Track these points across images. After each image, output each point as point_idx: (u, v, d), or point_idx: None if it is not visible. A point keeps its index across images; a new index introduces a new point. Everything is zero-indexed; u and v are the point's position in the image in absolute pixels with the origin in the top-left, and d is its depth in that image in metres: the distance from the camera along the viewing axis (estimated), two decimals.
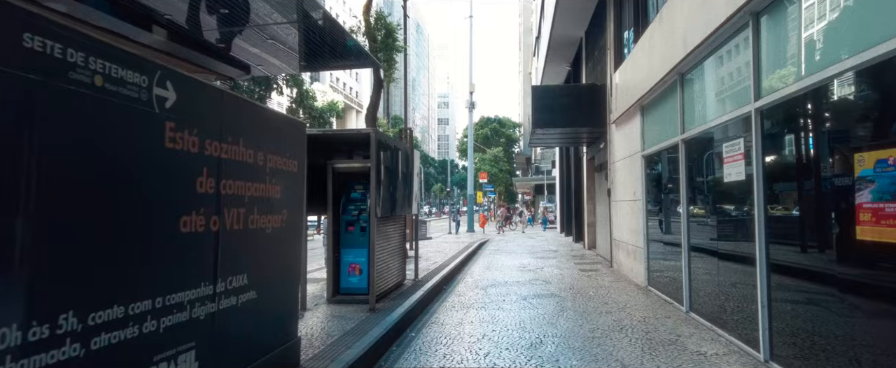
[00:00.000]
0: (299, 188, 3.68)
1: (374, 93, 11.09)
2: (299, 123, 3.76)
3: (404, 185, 7.11)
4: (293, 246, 3.62)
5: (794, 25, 3.78)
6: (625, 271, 9.39)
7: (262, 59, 4.58)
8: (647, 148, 7.92)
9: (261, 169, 3.16)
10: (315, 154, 5.92)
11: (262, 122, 3.23)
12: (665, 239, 7.36)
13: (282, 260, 3.48)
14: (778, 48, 4.02)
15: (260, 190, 3.13)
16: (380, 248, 6.21)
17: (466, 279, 9.33)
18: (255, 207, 3.08)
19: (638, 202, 8.33)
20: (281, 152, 3.41)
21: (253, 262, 3.08)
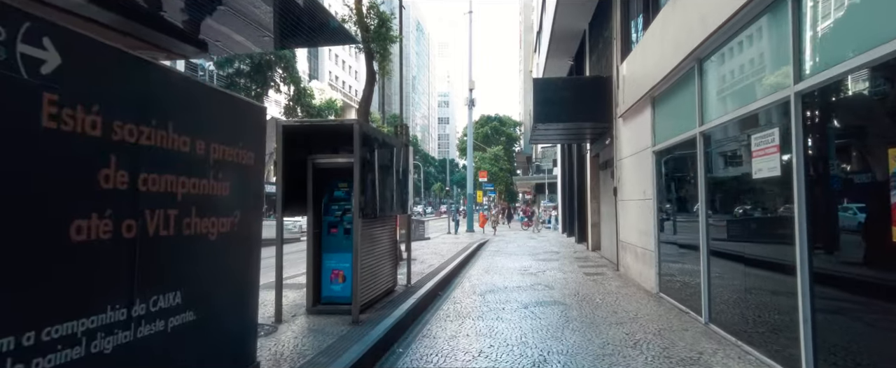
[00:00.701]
0: (257, 185, 3.08)
1: (366, 86, 10.49)
2: (257, 106, 3.17)
3: (395, 183, 6.52)
4: (249, 254, 3.03)
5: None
6: (633, 275, 8.79)
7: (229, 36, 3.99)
8: (658, 143, 7.32)
9: (201, 161, 2.56)
10: (293, 148, 5.33)
11: (204, 103, 2.63)
12: (679, 242, 6.76)
13: (233, 271, 2.89)
14: (825, 20, 3.42)
15: (200, 187, 2.54)
16: (365, 253, 5.62)
17: (464, 283, 8.73)
18: (194, 208, 2.49)
19: (648, 201, 7.73)
20: (231, 141, 2.81)
21: (190, 276, 2.48)
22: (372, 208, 5.40)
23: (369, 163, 5.41)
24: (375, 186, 5.59)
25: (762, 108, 4.20)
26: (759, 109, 4.26)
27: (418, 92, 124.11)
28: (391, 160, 6.32)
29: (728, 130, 5.11)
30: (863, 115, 3.23)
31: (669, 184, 7.18)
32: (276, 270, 5.07)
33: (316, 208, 5.60)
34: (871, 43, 2.88)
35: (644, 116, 7.99)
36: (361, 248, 5.54)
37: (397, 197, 6.66)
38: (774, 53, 4.08)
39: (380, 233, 6.27)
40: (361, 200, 4.97)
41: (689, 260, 6.21)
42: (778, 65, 3.99)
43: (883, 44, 2.78)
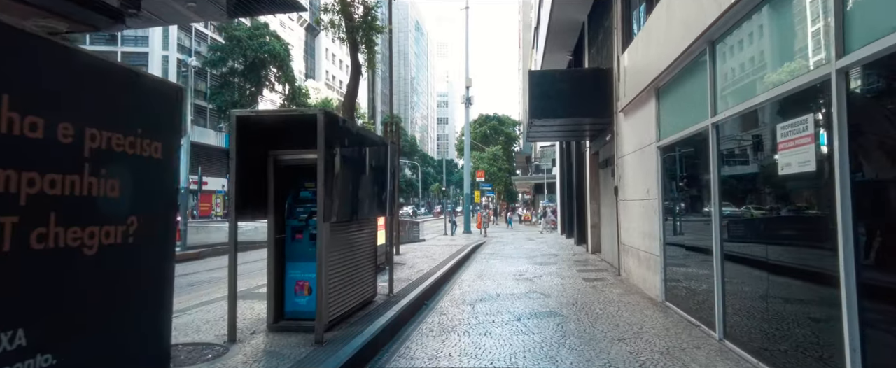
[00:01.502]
0: (167, 183, 2.44)
1: (351, 79, 9.86)
2: (165, 85, 2.52)
3: (374, 183, 5.88)
4: (157, 268, 2.39)
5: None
6: (635, 280, 8.15)
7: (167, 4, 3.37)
8: (663, 137, 6.68)
9: (67, 151, 1.92)
10: (251, 142, 4.69)
11: (73, 75, 1.99)
12: (687, 244, 6.12)
13: (130, 291, 2.25)
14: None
15: (65, 185, 1.90)
16: (337, 261, 4.98)
17: (453, 290, 8.09)
18: (52, 214, 1.85)
19: (652, 201, 7.09)
20: (122, 126, 2.17)
21: (45, 305, 1.84)
22: (342, 210, 4.76)
23: (345, 159, 4.78)
24: (348, 186, 4.95)
25: (792, 92, 3.56)
26: (787, 93, 3.62)
27: (418, 92, 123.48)
28: (370, 157, 5.68)
29: (746, 120, 4.47)
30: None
31: (676, 181, 6.54)
32: (229, 281, 4.43)
33: (278, 211, 4.96)
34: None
35: (647, 109, 7.36)
36: (331, 256, 4.90)
37: (378, 199, 6.02)
38: (808, 24, 3.44)
39: (356, 238, 5.63)
40: (327, 202, 4.33)
41: (700, 265, 5.58)
42: (813, 38, 3.35)
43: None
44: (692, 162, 5.89)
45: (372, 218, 6.21)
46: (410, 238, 19.33)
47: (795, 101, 3.60)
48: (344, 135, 4.78)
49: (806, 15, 3.47)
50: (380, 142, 6.27)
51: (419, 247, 15.61)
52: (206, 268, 11.96)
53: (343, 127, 4.79)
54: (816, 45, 3.30)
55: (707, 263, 5.21)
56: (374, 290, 6.32)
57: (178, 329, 4.98)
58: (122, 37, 35.14)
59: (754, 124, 4.35)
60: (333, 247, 4.99)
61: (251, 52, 36.22)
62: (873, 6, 2.82)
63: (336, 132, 4.60)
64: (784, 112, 3.75)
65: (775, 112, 3.89)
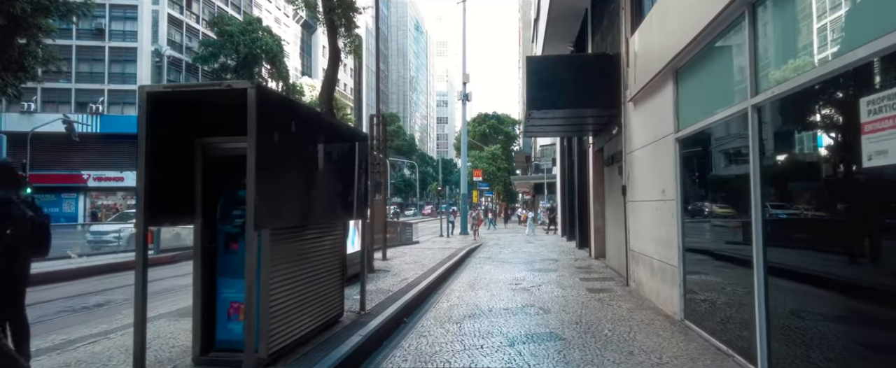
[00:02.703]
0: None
1: (329, 66, 8.87)
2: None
3: (337, 180, 4.88)
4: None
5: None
6: (647, 293, 7.15)
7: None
8: (683, 127, 5.69)
9: None
10: (171, 126, 3.69)
11: None
12: (715, 252, 5.12)
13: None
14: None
15: None
16: (282, 277, 3.98)
17: (440, 303, 7.09)
18: None
19: (669, 202, 6.10)
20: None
21: None
22: (284, 214, 3.76)
23: (292, 148, 3.79)
24: (295, 183, 3.96)
25: (885, 52, 2.57)
26: (884, 52, 2.62)
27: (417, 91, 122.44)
28: (331, 149, 4.69)
29: (803, 99, 3.47)
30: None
31: (699, 179, 5.54)
32: (136, 306, 3.42)
33: (208, 214, 3.95)
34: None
35: (663, 96, 6.36)
36: (276, 271, 3.91)
37: (342, 200, 5.02)
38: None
39: (313, 247, 4.63)
40: (260, 203, 3.33)
41: (733, 278, 4.58)
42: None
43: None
44: (723, 154, 4.89)
45: (337, 223, 5.22)
46: (402, 240, 18.35)
47: (889, 66, 2.60)
48: (289, 118, 3.78)
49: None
50: (346, 131, 5.27)
51: (410, 251, 14.62)
52: (176, 273, 10.98)
53: (287, 107, 3.79)
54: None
55: (744, 277, 4.21)
56: (340, 308, 5.32)
57: (80, 364, 3.99)
58: (110, 32, 34.13)
59: (818, 103, 3.35)
60: (280, 259, 3.99)
61: (243, 48, 35.23)
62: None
63: (276, 113, 3.60)
64: (870, 84, 2.75)
65: (858, 82, 2.88)
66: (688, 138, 5.60)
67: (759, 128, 3.92)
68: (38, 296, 8.36)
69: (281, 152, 3.66)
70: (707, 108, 4.99)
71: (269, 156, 3.47)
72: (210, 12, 39.35)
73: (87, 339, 4.83)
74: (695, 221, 5.58)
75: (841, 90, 3.07)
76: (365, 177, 5.68)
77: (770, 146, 3.90)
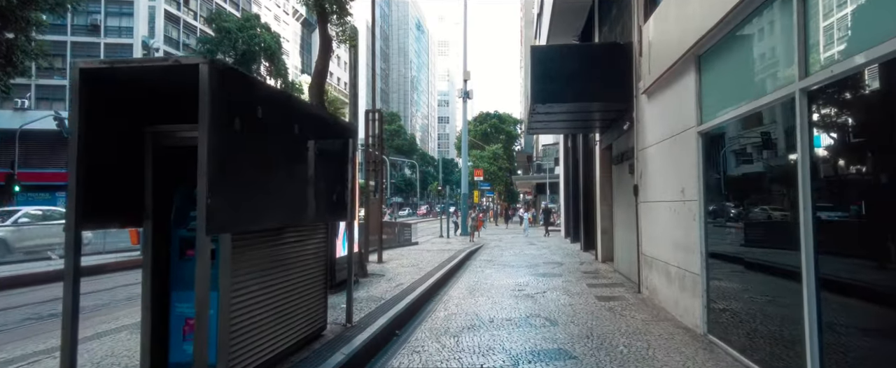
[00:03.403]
0: None
1: (320, 55, 8.32)
2: None
3: (319, 177, 4.30)
4: None
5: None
6: (662, 301, 6.56)
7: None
8: (708, 119, 5.10)
9: None
10: (115, 111, 3.11)
11: None
12: (747, 260, 4.53)
13: None
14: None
15: None
16: (250, 288, 3.40)
17: (437, 312, 6.50)
18: None
19: (689, 203, 5.51)
20: None
21: None
22: (247, 215, 3.18)
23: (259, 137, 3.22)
24: (264, 178, 3.38)
25: None
26: None
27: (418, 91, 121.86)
28: (315, 142, 4.11)
29: (873, 79, 2.88)
30: None
31: (728, 175, 4.95)
32: (63, 322, 2.84)
33: (160, 215, 3.37)
34: None
35: (682, 86, 5.77)
36: (242, 281, 3.34)
37: (325, 199, 4.44)
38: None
39: (291, 253, 4.05)
40: (215, 203, 2.75)
41: (774, 290, 3.99)
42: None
43: None
44: (758, 148, 4.30)
45: (320, 225, 4.63)
46: (400, 241, 17.79)
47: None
48: (254, 102, 3.20)
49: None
50: (330, 122, 4.69)
51: (408, 253, 14.03)
52: None
53: (251, 88, 3.20)
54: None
55: (787, 289, 3.62)
56: (322, 320, 4.74)
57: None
58: (106, 28, 33.60)
59: (890, 83, 2.76)
60: (247, 268, 3.41)
61: (241, 45, 34.67)
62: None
63: (238, 95, 3.02)
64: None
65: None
66: (713, 131, 5.01)
67: (809, 116, 3.33)
68: (7, 301, 7.79)
69: (244, 142, 3.08)
70: (738, 97, 4.40)
71: (228, 146, 2.89)
72: (208, 9, 38.82)
73: (33, 356, 4.25)
74: (721, 224, 4.99)
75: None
76: (353, 174, 5.10)
77: (823, 136, 3.31)
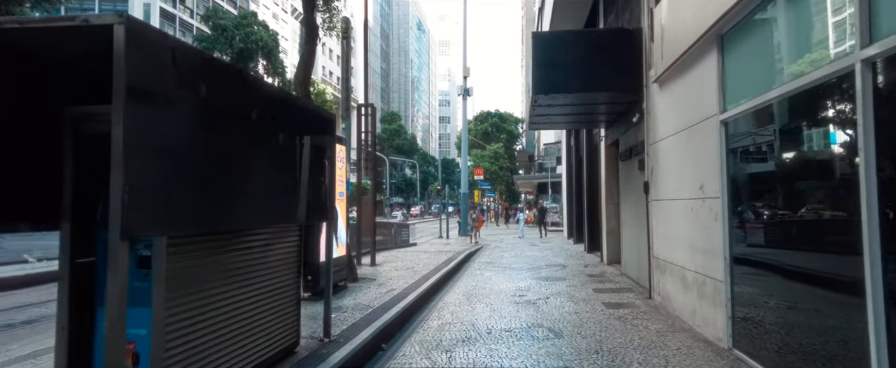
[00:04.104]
0: None
1: (306, 44, 7.73)
2: None
3: (281, 171, 3.72)
4: None
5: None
6: (677, 309, 5.96)
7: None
8: (733, 106, 4.50)
9: None
10: (23, 89, 2.53)
11: None
12: (785, 265, 3.93)
13: None
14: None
15: None
16: (193, 302, 2.82)
17: (429, 322, 5.92)
18: None
19: (710, 201, 4.91)
20: None
21: None
22: (193, 213, 2.59)
23: (203, 118, 2.64)
24: (221, 173, 2.80)
25: None
26: None
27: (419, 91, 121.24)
28: (283, 131, 3.53)
29: None
30: None
31: (759, 168, 4.35)
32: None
33: (82, 215, 2.78)
34: None
35: (701, 71, 5.18)
36: (189, 292, 2.75)
37: (303, 197, 3.86)
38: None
39: (252, 259, 3.47)
40: (129, 199, 2.16)
41: (824, 305, 3.39)
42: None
43: None
44: (798, 136, 3.70)
45: (291, 227, 4.05)
46: (397, 242, 17.19)
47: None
48: (195, 77, 2.61)
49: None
50: (302, 109, 4.10)
51: (404, 255, 13.44)
52: None
53: (190, 58, 2.61)
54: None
55: (844, 303, 3.03)
56: (295, 335, 4.15)
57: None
58: None
59: None
60: (191, 279, 2.83)
61: (238, 42, 34.13)
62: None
63: (171, 67, 2.43)
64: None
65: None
66: (740, 119, 4.41)
67: (874, 92, 2.74)
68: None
69: (179, 125, 2.50)
70: (772, 78, 3.81)
71: (154, 128, 2.31)
72: (205, 6, 38.29)
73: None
74: (750, 224, 4.39)
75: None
76: (334, 171, 4.51)
77: (891, 116, 2.71)
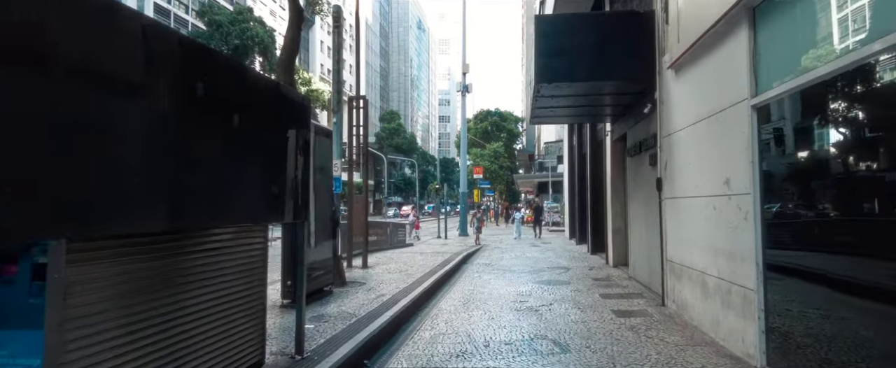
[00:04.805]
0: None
1: (289, 28, 7.13)
2: None
3: (249, 162, 3.13)
4: None
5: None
6: (695, 318, 5.37)
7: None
8: (766, 88, 3.90)
9: None
10: None
11: None
12: (837, 275, 3.33)
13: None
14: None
15: None
16: (99, 324, 2.23)
17: (421, 332, 5.33)
18: None
19: (738, 198, 4.31)
20: None
21: None
22: (101, 206, 2.00)
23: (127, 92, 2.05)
24: (138, 160, 2.20)
25: None
26: None
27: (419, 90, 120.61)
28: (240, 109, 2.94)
29: None
30: None
31: (798, 159, 3.76)
32: None
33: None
34: None
35: (726, 52, 4.58)
36: (106, 309, 2.16)
37: (263, 193, 3.26)
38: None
39: (197, 265, 2.87)
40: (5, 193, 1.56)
41: (884, 323, 2.79)
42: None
43: None
44: (862, 119, 3.10)
45: (255, 228, 3.46)
46: (393, 243, 16.59)
47: None
48: (97, 34, 2.01)
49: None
50: (267, 87, 3.50)
51: (400, 256, 12.84)
52: None
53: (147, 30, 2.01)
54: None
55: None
56: (259, 353, 3.55)
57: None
58: None
59: None
60: (103, 292, 2.24)
61: (234, 39, 33.52)
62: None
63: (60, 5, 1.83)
64: None
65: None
66: (778, 102, 3.81)
67: None
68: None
69: (85, 98, 1.90)
70: (822, 51, 3.21)
71: (42, 100, 1.72)
72: (200, 2, 37.68)
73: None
74: (789, 224, 3.80)
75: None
76: (305, 162, 3.92)
77: None
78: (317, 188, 6.73)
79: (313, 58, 59.88)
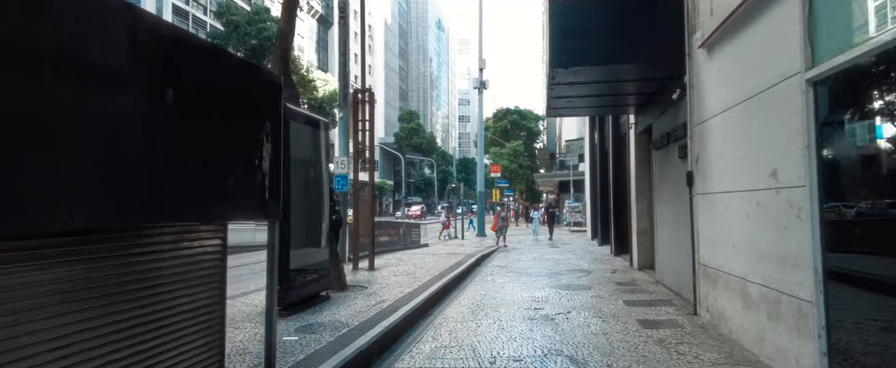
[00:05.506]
0: None
1: (285, 12, 6.65)
2: None
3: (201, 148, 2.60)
4: None
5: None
6: (734, 331, 4.66)
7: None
8: (827, 56, 3.20)
9: None
10: None
11: None
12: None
13: None
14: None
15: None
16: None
17: (420, 346, 4.75)
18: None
19: (789, 192, 3.62)
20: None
21: None
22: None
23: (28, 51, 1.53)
24: (41, 141, 1.67)
25: None
26: None
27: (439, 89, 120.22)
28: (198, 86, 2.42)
29: None
30: None
31: (874, 142, 3.06)
32: None
33: None
34: None
35: (772, 19, 3.88)
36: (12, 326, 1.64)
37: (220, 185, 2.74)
38: None
39: (132, 273, 2.35)
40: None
41: None
42: None
43: None
44: None
45: (202, 229, 2.93)
46: (406, 243, 16.10)
47: None
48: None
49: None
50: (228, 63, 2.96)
51: (410, 257, 12.29)
52: None
53: None
54: None
55: None
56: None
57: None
58: None
59: None
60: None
61: (251, 38, 33.53)
62: None
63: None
64: None
65: None
66: (843, 73, 3.11)
67: None
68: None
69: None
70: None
71: None
72: (218, 3, 37.87)
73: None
74: (858, 222, 3.10)
75: None
76: (279, 152, 3.38)
77: None
78: (306, 184, 6.23)
79: (332, 58, 59.94)
